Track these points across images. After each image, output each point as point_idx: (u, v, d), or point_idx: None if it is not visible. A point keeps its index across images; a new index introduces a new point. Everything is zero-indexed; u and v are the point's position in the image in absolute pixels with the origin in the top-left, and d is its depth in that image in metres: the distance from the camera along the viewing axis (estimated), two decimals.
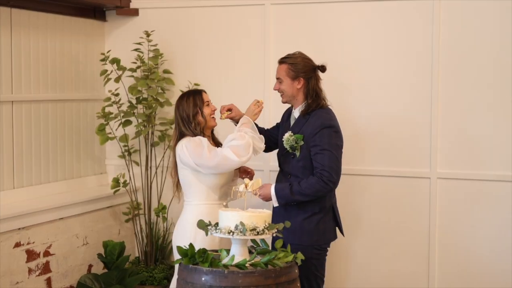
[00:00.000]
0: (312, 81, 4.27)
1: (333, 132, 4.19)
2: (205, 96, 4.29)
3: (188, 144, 4.13)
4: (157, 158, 5.67)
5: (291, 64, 4.26)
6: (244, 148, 4.10)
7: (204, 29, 5.65)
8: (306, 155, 4.21)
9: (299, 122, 4.27)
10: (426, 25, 5.04)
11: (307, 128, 4.20)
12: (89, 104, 5.77)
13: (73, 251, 5.20)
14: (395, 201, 5.17)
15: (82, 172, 5.71)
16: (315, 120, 4.20)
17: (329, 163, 4.12)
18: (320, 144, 4.15)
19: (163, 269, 5.49)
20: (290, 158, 4.28)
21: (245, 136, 4.14)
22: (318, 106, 4.25)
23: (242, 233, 3.69)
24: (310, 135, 4.18)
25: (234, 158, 4.08)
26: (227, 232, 3.72)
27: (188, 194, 4.26)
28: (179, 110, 4.24)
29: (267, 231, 3.76)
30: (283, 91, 4.30)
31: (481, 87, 4.95)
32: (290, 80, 4.27)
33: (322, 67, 4.33)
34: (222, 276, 3.61)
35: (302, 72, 4.25)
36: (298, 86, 4.26)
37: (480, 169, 4.97)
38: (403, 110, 5.13)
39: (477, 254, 5.00)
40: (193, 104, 4.23)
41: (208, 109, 4.27)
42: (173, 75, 5.66)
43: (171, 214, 5.66)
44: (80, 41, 5.66)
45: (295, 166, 4.26)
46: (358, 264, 5.30)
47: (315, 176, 4.13)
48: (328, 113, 4.27)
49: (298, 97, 4.29)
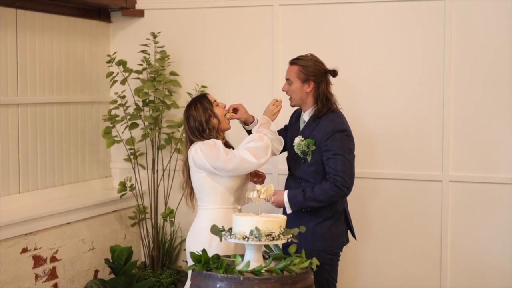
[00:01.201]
0: (322, 85, 4.18)
1: (345, 136, 4.11)
2: (210, 97, 4.20)
3: (203, 147, 4.03)
4: (164, 161, 5.59)
5: (303, 66, 4.17)
6: (262, 150, 4.01)
7: (211, 30, 5.58)
8: (318, 160, 4.13)
9: (309, 126, 4.19)
10: (438, 26, 4.98)
11: (318, 132, 4.12)
12: (94, 106, 5.69)
13: (80, 256, 5.13)
14: (407, 204, 5.11)
15: (87, 175, 5.63)
16: (327, 124, 4.11)
17: (342, 167, 4.05)
18: (333, 149, 4.07)
19: (170, 274, 5.41)
20: (301, 162, 4.20)
21: (263, 137, 4.05)
22: (329, 110, 4.17)
23: (258, 239, 3.61)
24: (322, 140, 4.10)
25: (252, 160, 3.99)
26: (242, 237, 3.64)
27: (202, 198, 4.16)
28: (190, 121, 4.12)
29: (283, 236, 3.67)
30: (292, 93, 4.22)
31: (494, 89, 4.89)
32: (300, 83, 4.18)
33: (333, 72, 4.24)
34: (237, 283, 3.52)
35: (313, 75, 4.16)
36: (308, 90, 4.18)
37: (493, 172, 4.91)
38: (414, 112, 5.07)
39: (489, 258, 4.94)
40: (203, 109, 4.12)
41: (220, 109, 4.17)
42: (179, 77, 5.58)
43: (178, 218, 5.59)
44: (85, 43, 5.58)
45: (306, 171, 4.18)
46: (370, 268, 5.24)
47: (329, 181, 4.06)
48: (339, 117, 4.19)
49: (307, 100, 4.21)
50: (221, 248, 4.03)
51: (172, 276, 5.40)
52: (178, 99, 5.59)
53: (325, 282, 4.19)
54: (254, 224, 3.64)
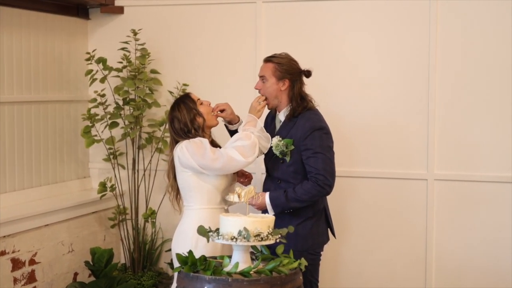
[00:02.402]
0: (297, 85, 4.12)
1: (323, 134, 4.06)
2: (193, 96, 4.12)
3: (189, 145, 3.95)
4: (145, 160, 5.48)
5: (278, 64, 4.11)
6: (250, 148, 3.94)
7: (193, 27, 5.48)
8: (297, 160, 4.07)
9: (286, 125, 4.13)
10: (423, 25, 4.95)
11: (296, 131, 4.06)
12: (73, 105, 5.56)
13: (59, 259, 5.00)
14: (392, 203, 5.08)
15: (66, 176, 5.50)
16: (304, 122, 4.06)
17: (323, 166, 4.00)
18: (312, 148, 4.01)
19: (151, 276, 5.31)
20: (280, 163, 4.13)
21: (251, 135, 3.98)
22: (305, 108, 4.11)
23: (246, 239, 3.53)
24: (301, 139, 4.04)
25: (240, 158, 3.91)
26: (230, 238, 3.56)
27: (188, 199, 4.08)
28: (174, 123, 4.04)
29: (271, 236, 3.60)
30: (265, 91, 4.14)
31: (479, 88, 4.87)
32: (275, 80, 4.11)
33: (307, 72, 4.17)
34: (226, 285, 3.44)
35: (289, 73, 4.10)
36: (283, 88, 4.11)
37: (478, 171, 4.89)
38: (399, 110, 5.03)
39: (474, 257, 4.93)
40: (187, 110, 4.04)
41: (204, 107, 4.09)
42: (160, 75, 5.48)
43: (159, 219, 5.49)
44: (63, 40, 5.46)
45: (285, 171, 4.12)
46: (354, 268, 5.19)
47: (310, 180, 4.01)
48: (316, 115, 4.14)
49: (282, 99, 4.14)
50: (207, 249, 3.95)
51: (153, 278, 5.30)
52: (159, 97, 5.49)
53: (307, 283, 4.13)
54: (242, 225, 3.56)
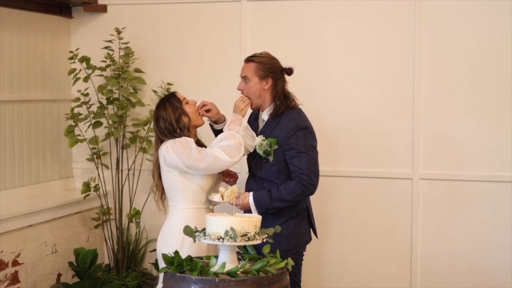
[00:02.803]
0: (280, 83, 4.11)
1: (307, 133, 4.05)
2: (179, 95, 4.10)
3: (174, 145, 3.92)
4: (129, 160, 5.44)
5: (260, 63, 4.09)
6: (235, 148, 3.92)
7: (177, 26, 5.45)
8: (281, 159, 4.05)
9: (270, 125, 4.10)
10: (408, 24, 4.94)
11: (280, 131, 4.04)
12: (55, 104, 5.50)
13: (42, 259, 4.95)
14: (377, 202, 5.06)
15: (48, 176, 5.44)
16: (288, 122, 4.04)
17: (307, 165, 3.99)
18: (296, 147, 4.00)
19: (136, 276, 5.27)
20: (263, 162, 4.11)
21: (236, 135, 3.96)
22: (288, 107, 4.09)
23: (233, 239, 3.51)
24: (284, 138, 4.02)
25: (225, 158, 3.89)
26: (217, 238, 3.53)
27: (174, 198, 4.05)
28: (159, 122, 4.02)
29: (258, 236, 3.58)
30: (248, 91, 4.12)
31: (464, 87, 4.88)
32: (258, 79, 4.09)
33: (289, 70, 4.16)
34: (212, 285, 3.42)
35: (271, 72, 4.09)
36: (266, 87, 4.09)
37: (463, 170, 4.89)
38: (385, 110, 5.02)
39: (460, 256, 4.93)
40: (172, 109, 4.02)
41: (190, 107, 4.07)
42: (144, 74, 5.43)
43: (143, 219, 5.46)
44: (46, 39, 5.40)
45: (268, 171, 4.10)
46: (338, 268, 5.17)
47: (294, 180, 4.00)
48: (300, 114, 4.12)
49: (265, 98, 4.12)
50: (193, 249, 3.93)
51: (137, 279, 5.26)
52: (143, 96, 5.45)
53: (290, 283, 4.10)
54: (229, 225, 3.53)
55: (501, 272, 4.83)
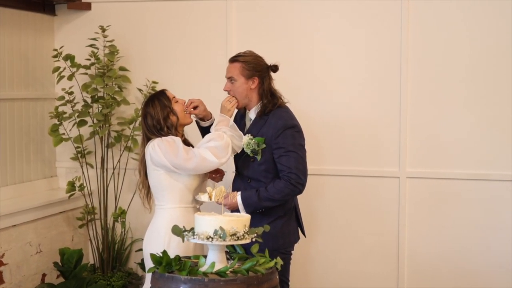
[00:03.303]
0: (266, 81, 4.08)
1: (295, 132, 4.02)
2: (169, 93, 4.06)
3: (161, 144, 3.88)
4: (114, 159, 5.39)
5: (245, 63, 4.05)
6: (223, 149, 3.90)
7: (162, 24, 5.41)
8: (269, 159, 4.02)
9: (257, 123, 4.07)
10: (395, 22, 4.94)
11: (267, 130, 4.01)
12: (39, 103, 5.44)
13: (27, 260, 4.89)
14: (364, 201, 5.06)
15: (32, 175, 5.38)
16: (276, 121, 4.01)
17: (296, 164, 3.96)
18: (284, 146, 3.97)
19: (121, 276, 5.22)
20: (250, 162, 4.08)
21: (223, 136, 3.93)
22: (275, 105, 4.06)
23: (222, 239, 3.48)
24: (272, 137, 3.99)
25: (213, 159, 3.87)
26: (206, 238, 3.50)
27: (160, 198, 4.01)
28: (147, 119, 3.98)
29: (247, 236, 3.56)
30: (235, 91, 4.08)
31: (450, 86, 4.89)
32: (244, 79, 4.05)
33: (274, 67, 4.13)
34: (202, 285, 3.39)
35: (257, 71, 4.05)
36: (253, 86, 4.06)
37: (450, 168, 4.91)
38: (371, 108, 5.02)
39: (447, 255, 4.94)
40: (161, 107, 3.98)
41: (179, 106, 4.04)
42: (129, 72, 5.39)
43: (128, 218, 5.41)
44: (29, 37, 5.33)
45: (256, 170, 4.07)
46: (324, 267, 5.16)
47: (282, 179, 3.97)
48: (287, 112, 4.09)
49: (252, 97, 4.09)
50: (180, 249, 3.90)
51: (123, 279, 5.22)
52: (128, 95, 5.40)
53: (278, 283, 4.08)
54: (218, 224, 3.51)
55: (488, 271, 4.85)
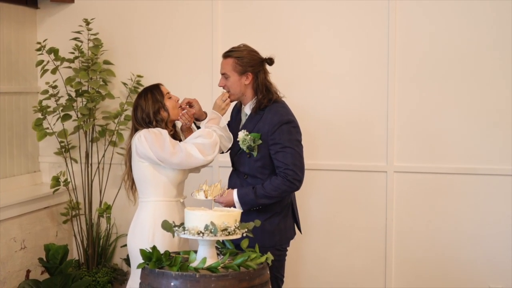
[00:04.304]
0: (260, 76, 4.01)
1: (292, 127, 3.97)
2: (163, 88, 4.03)
3: (148, 135, 3.84)
4: (98, 154, 5.33)
5: (238, 58, 3.98)
6: (210, 147, 3.86)
7: (147, 17, 5.34)
8: (265, 155, 3.97)
9: (252, 119, 4.01)
10: (382, 18, 4.92)
11: (263, 125, 3.95)
12: (22, 97, 5.36)
13: (11, 256, 4.82)
14: (351, 196, 5.05)
15: (15, 170, 5.30)
16: (272, 116, 3.95)
17: (293, 160, 3.91)
18: (281, 142, 3.92)
19: (106, 272, 5.17)
20: (246, 158, 4.02)
21: (212, 134, 3.90)
22: (270, 100, 4.00)
23: (213, 234, 3.45)
24: (268, 133, 3.93)
25: (198, 156, 3.84)
26: (196, 233, 3.47)
27: (144, 191, 3.97)
28: (137, 111, 3.95)
29: (238, 230, 3.53)
30: (230, 88, 4.03)
31: (438, 80, 4.88)
32: (237, 76, 3.99)
33: (270, 60, 4.06)
34: (193, 281, 3.36)
35: (250, 66, 3.98)
36: (246, 82, 4.00)
37: (437, 162, 4.91)
38: (359, 103, 5.01)
39: (435, 249, 4.94)
40: (153, 101, 3.95)
41: (171, 102, 4.00)
42: (113, 66, 5.33)
43: (113, 213, 5.34)
44: (12, 29, 5.24)
45: (252, 166, 4.01)
46: (314, 261, 5.15)
47: (279, 176, 3.91)
48: (283, 107, 4.03)
49: (247, 93, 4.03)
50: (165, 243, 3.88)
51: (108, 275, 5.16)
52: (112, 89, 5.34)
53: (273, 279, 4.04)
54: (209, 219, 3.48)
55: (476, 264, 4.86)
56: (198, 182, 3.84)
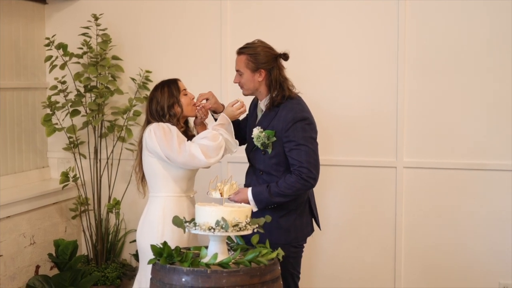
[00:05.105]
0: (274, 72, 3.96)
1: (306, 124, 3.91)
2: (181, 84, 4.02)
3: (157, 130, 3.85)
4: (107, 149, 5.33)
5: (251, 55, 3.94)
6: (214, 150, 3.85)
7: (155, 12, 5.33)
8: (279, 152, 3.93)
9: (267, 116, 3.98)
10: (392, 14, 4.90)
11: (278, 123, 3.91)
12: (30, 92, 5.36)
13: (21, 251, 4.82)
14: (361, 191, 5.04)
15: (24, 166, 5.30)
16: (286, 113, 3.90)
17: (307, 158, 3.86)
18: (295, 140, 3.87)
19: (115, 267, 5.18)
20: (261, 154, 3.99)
21: (218, 137, 3.88)
22: (284, 97, 3.95)
23: (224, 230, 3.44)
24: (283, 131, 3.89)
25: (201, 157, 3.82)
26: (207, 228, 3.46)
27: (154, 185, 3.97)
28: (152, 103, 3.95)
29: (249, 226, 3.52)
30: (244, 84, 3.99)
31: (447, 76, 4.86)
32: (250, 73, 3.95)
33: (285, 55, 4.01)
34: (204, 276, 3.36)
35: (263, 63, 3.93)
36: (260, 79, 3.96)
37: (447, 158, 4.89)
38: (368, 99, 4.99)
39: (444, 244, 4.93)
40: (169, 95, 3.95)
41: (187, 98, 3.99)
42: (122, 61, 5.32)
43: (122, 209, 5.35)
44: (20, 25, 5.24)
45: (267, 163, 3.98)
46: (324, 256, 5.14)
47: (293, 174, 3.86)
48: (299, 104, 3.98)
49: (261, 89, 3.99)
50: (174, 239, 3.87)
51: (117, 270, 5.17)
52: (121, 84, 5.34)
53: (289, 276, 4.03)
54: (220, 215, 3.47)
55: (486, 260, 4.85)
56: (209, 177, 3.84)
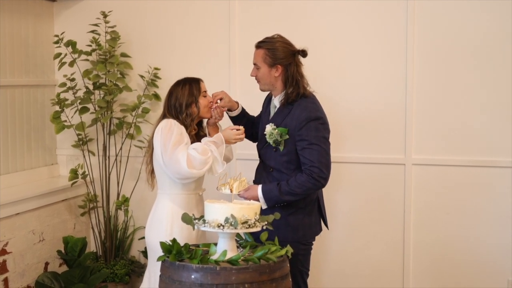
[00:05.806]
0: (291, 68, 3.94)
1: (319, 124, 3.90)
2: (203, 85, 4.02)
3: (164, 130, 3.86)
4: (116, 147, 5.33)
5: (269, 50, 3.93)
6: (199, 163, 3.82)
7: (164, 9, 5.33)
8: (291, 150, 3.92)
9: (281, 113, 3.97)
10: (401, 11, 4.88)
11: (291, 121, 3.90)
12: (39, 90, 5.37)
13: (30, 248, 4.84)
14: (370, 188, 5.03)
15: (33, 163, 5.32)
16: (300, 112, 3.89)
17: (319, 158, 3.84)
18: (308, 139, 3.86)
19: (124, 264, 5.19)
20: (272, 151, 3.98)
21: (208, 153, 3.87)
22: (299, 95, 3.94)
23: (233, 227, 3.45)
24: (296, 129, 3.88)
25: (184, 165, 3.79)
26: (217, 225, 3.47)
27: (162, 182, 3.98)
28: (172, 98, 3.95)
29: (258, 223, 3.53)
30: (260, 79, 3.99)
31: (456, 73, 4.85)
32: (267, 67, 3.94)
33: (303, 52, 3.99)
34: (214, 273, 3.36)
35: (281, 58, 3.92)
36: (276, 74, 3.95)
37: (455, 155, 4.87)
38: (377, 96, 4.98)
39: (452, 241, 4.92)
40: (189, 93, 3.95)
41: (205, 100, 4.00)
42: (131, 58, 5.33)
43: (131, 206, 5.35)
44: (29, 23, 5.25)
45: (278, 160, 3.97)
46: (333, 253, 5.13)
47: (304, 173, 3.85)
48: (313, 103, 3.97)
49: (277, 85, 3.98)
50: (183, 236, 3.88)
51: (126, 267, 5.18)
52: (129, 81, 5.34)
53: (298, 273, 4.03)
54: (229, 212, 3.47)
55: (495, 257, 4.83)
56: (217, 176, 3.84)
